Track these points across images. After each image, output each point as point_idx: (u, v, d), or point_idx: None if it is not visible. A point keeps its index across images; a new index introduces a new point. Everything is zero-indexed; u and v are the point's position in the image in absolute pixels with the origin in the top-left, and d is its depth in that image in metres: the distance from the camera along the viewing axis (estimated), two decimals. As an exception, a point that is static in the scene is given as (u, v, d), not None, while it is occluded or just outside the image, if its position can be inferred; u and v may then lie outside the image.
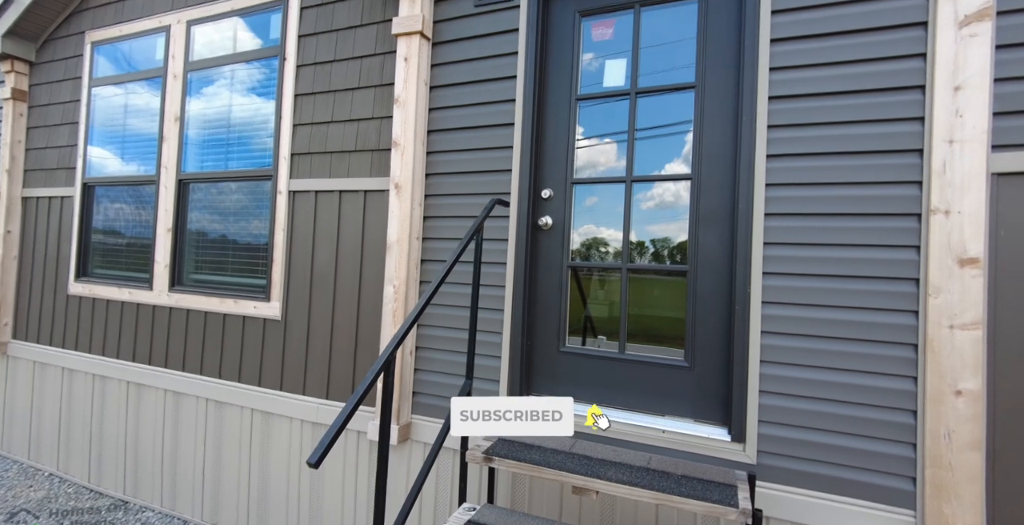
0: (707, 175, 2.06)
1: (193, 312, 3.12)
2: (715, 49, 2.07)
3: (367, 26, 2.68)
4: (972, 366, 1.58)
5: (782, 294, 1.83)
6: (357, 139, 2.67)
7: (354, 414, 1.25)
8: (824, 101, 1.82)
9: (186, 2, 3.25)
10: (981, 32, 1.63)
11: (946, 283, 1.62)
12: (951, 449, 1.58)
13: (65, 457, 3.57)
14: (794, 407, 1.80)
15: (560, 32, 2.34)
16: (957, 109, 1.64)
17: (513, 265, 2.28)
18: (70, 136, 3.70)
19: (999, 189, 1.61)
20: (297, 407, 2.72)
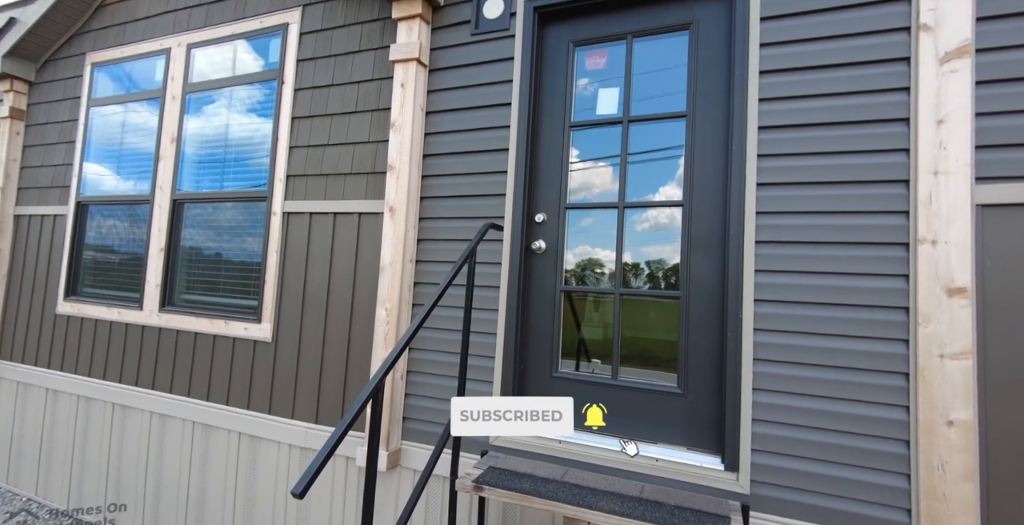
0: (699, 202, 2.08)
1: (183, 333, 3.08)
2: (706, 79, 2.12)
3: (365, 52, 2.73)
4: (963, 396, 1.58)
5: (773, 321, 1.84)
6: (353, 162, 2.69)
7: (341, 442, 1.22)
8: (812, 131, 1.86)
9: (187, 26, 3.31)
10: (961, 68, 1.68)
11: (935, 312, 1.63)
12: (945, 480, 1.57)
13: (45, 481, 3.47)
14: (787, 436, 1.79)
15: (554, 61, 2.39)
16: (941, 141, 1.67)
17: (506, 289, 2.28)
18: (66, 155, 3.71)
19: (984, 220, 1.64)
20: (285, 431, 2.68)
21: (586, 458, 2.03)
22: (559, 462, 2.07)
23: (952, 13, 1.69)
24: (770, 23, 1.94)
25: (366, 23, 2.73)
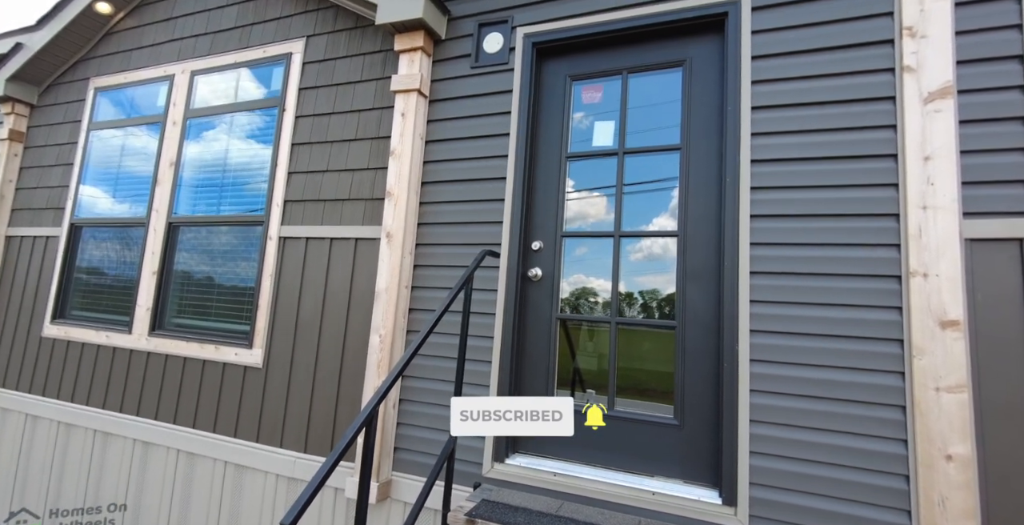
0: (693, 232, 2.11)
1: (172, 357, 3.03)
2: (699, 113, 2.18)
3: (367, 82, 2.79)
4: (960, 430, 1.57)
5: (769, 352, 1.84)
6: (351, 188, 2.71)
7: (332, 472, 1.19)
8: (804, 165, 1.91)
9: (192, 53, 3.37)
10: (944, 108, 1.74)
11: (929, 345, 1.64)
12: (946, 518, 1.55)
13: (19, 507, 3.33)
14: (786, 469, 1.76)
15: (552, 94, 2.46)
16: (928, 177, 1.72)
17: (502, 316, 2.27)
18: (63, 177, 3.71)
19: (973, 254, 1.67)
20: (273, 461, 2.61)
21: (581, 491, 1.99)
22: (554, 495, 2.02)
23: (934, 56, 1.77)
24: (761, 62, 2.01)
25: (368, 54, 2.80)
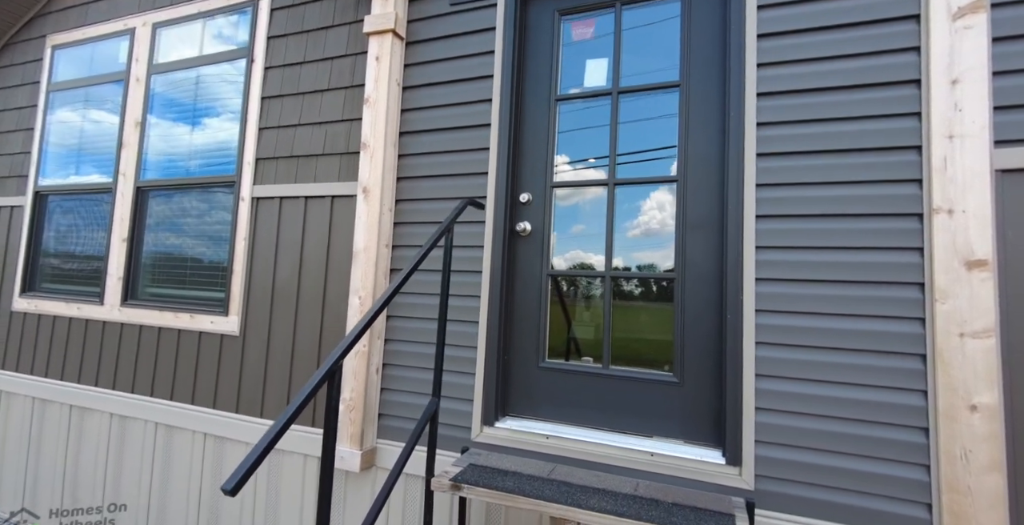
0: (694, 177, 1.94)
1: (146, 328, 2.88)
2: (700, 47, 1.98)
3: (339, 27, 2.57)
4: (986, 378, 1.44)
5: (777, 301, 1.69)
6: (325, 142, 2.51)
7: (284, 433, 1.05)
8: (817, 97, 1.72)
9: (152, 4, 3.12)
10: (976, 24, 1.55)
11: (953, 287, 1.49)
12: (969, 471, 1.43)
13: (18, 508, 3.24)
14: (794, 426, 1.63)
15: (539, 31, 2.25)
16: (955, 103, 1.54)
17: (489, 274, 2.11)
18: (24, 143, 3.50)
19: (1004, 187, 1.51)
20: (254, 431, 2.48)
21: (575, 453, 1.87)
22: (546, 458, 1.91)
23: (965, -35, 1.57)
24: (768, -17, 1.80)
25: (340, -5, 2.57)
